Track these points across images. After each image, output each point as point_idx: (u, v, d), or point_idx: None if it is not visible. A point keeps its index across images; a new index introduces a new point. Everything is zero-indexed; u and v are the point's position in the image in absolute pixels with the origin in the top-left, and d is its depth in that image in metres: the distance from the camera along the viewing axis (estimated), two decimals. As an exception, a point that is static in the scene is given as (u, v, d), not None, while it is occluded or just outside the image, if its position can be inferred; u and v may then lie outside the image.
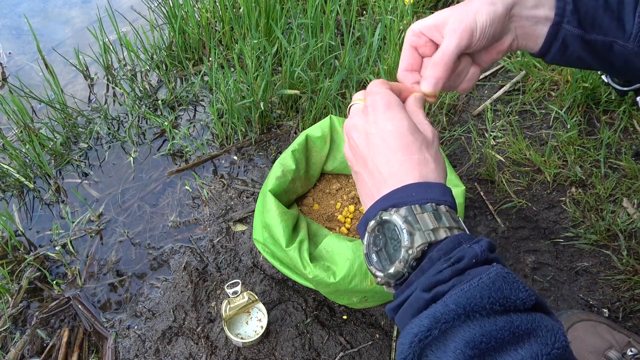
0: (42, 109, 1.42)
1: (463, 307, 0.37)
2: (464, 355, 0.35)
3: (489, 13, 0.55)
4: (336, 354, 0.99)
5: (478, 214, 1.18)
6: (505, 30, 0.59)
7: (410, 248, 0.43)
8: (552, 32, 0.59)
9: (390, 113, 0.51)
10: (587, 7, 0.58)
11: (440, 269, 0.41)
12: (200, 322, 1.03)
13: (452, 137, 1.32)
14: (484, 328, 0.36)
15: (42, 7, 1.73)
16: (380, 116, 0.51)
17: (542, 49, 0.61)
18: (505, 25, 0.58)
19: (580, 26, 0.58)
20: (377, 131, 0.50)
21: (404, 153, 0.48)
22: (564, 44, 0.60)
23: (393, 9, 1.45)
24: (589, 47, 0.60)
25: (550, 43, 0.60)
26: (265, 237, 0.96)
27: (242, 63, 1.48)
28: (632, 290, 1.05)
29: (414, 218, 0.44)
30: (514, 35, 0.61)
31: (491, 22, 0.56)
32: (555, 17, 0.58)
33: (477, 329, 0.36)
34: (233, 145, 1.33)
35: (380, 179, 0.49)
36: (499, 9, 0.56)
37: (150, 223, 1.19)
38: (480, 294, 0.37)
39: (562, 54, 0.61)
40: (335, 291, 0.90)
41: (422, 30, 0.58)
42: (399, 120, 0.50)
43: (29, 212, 1.22)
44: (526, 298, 0.38)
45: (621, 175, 1.20)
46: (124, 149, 1.33)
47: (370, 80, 1.33)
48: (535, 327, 0.36)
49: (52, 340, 1.02)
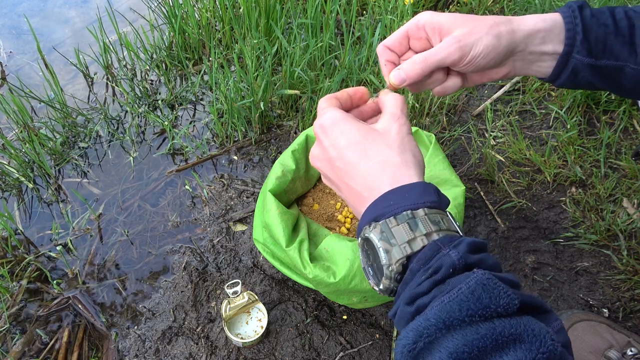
0: (42, 109, 1.42)
1: (443, 321, 0.37)
2: None
3: (487, 45, 0.55)
4: (336, 354, 0.99)
5: (478, 214, 1.18)
6: (502, 63, 0.60)
7: (390, 265, 0.43)
8: (561, 62, 0.59)
9: (338, 128, 0.50)
10: (597, 34, 0.58)
11: (419, 282, 0.41)
12: (200, 322, 1.03)
13: (452, 137, 1.32)
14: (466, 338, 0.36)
15: (42, 7, 1.73)
16: (331, 137, 0.50)
17: (551, 76, 0.61)
18: (503, 59, 0.58)
19: (590, 54, 0.58)
20: (336, 152, 0.50)
21: (365, 162, 0.48)
22: (574, 71, 0.60)
23: (393, 9, 1.45)
24: (599, 73, 0.60)
25: (560, 71, 0.60)
26: (265, 237, 0.96)
27: (242, 63, 1.48)
28: (632, 290, 1.05)
29: (390, 233, 0.44)
30: (511, 68, 0.61)
31: (485, 54, 0.56)
32: (565, 47, 0.58)
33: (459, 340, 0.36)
34: (233, 145, 1.33)
35: (358, 195, 0.49)
36: (501, 46, 0.56)
37: (150, 223, 1.19)
38: (459, 306, 0.37)
39: (572, 80, 0.61)
40: (335, 291, 0.90)
41: (426, 26, 0.58)
42: (348, 131, 0.49)
43: (28, 212, 1.22)
44: (508, 304, 0.37)
45: (621, 175, 1.20)
46: (123, 149, 1.33)
47: (370, 81, 1.34)
48: (519, 332, 0.36)
49: (52, 340, 1.02)
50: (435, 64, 0.56)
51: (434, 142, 1.03)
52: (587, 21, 0.57)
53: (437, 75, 0.60)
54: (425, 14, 0.58)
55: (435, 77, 0.60)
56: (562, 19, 0.58)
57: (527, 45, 0.58)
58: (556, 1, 1.49)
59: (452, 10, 1.60)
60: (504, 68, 0.61)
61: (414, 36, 0.60)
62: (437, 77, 0.60)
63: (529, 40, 0.58)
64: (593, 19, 0.58)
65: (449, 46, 0.55)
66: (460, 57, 0.55)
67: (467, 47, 0.55)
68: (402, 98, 0.55)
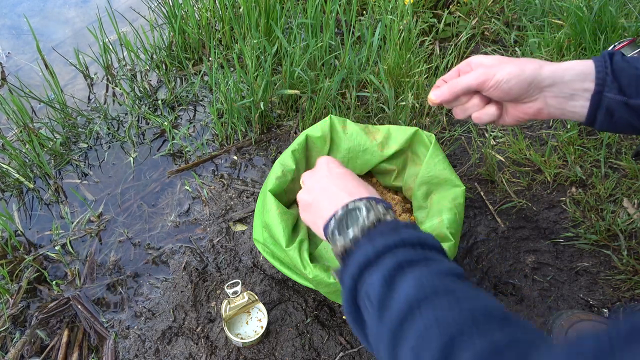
0: (42, 109, 1.42)
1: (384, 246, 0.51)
2: (389, 273, 0.48)
3: (510, 72, 0.62)
4: (336, 354, 0.99)
5: (478, 214, 1.18)
6: (530, 96, 0.64)
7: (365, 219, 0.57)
8: (594, 101, 0.62)
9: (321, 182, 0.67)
10: (629, 75, 0.60)
11: None
12: (200, 322, 1.03)
13: (452, 137, 1.32)
14: (400, 256, 0.49)
15: (41, 7, 1.73)
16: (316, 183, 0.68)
17: (588, 117, 0.63)
18: (528, 91, 0.63)
19: (622, 93, 0.60)
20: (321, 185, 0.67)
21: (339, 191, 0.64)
22: (608, 111, 0.62)
23: (393, 8, 1.45)
24: (635, 113, 0.61)
25: (595, 111, 0.62)
26: (265, 237, 0.96)
27: (242, 63, 1.48)
28: (632, 290, 1.05)
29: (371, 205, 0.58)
30: (544, 104, 0.64)
31: (508, 80, 0.62)
32: (595, 87, 0.61)
33: (399, 257, 0.49)
34: (233, 145, 1.33)
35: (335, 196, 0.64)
36: (524, 74, 0.62)
37: (150, 223, 1.19)
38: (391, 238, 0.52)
39: (609, 121, 0.63)
40: (335, 291, 0.90)
41: (472, 64, 0.67)
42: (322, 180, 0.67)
43: (28, 212, 1.22)
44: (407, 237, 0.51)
45: (621, 175, 1.20)
46: (123, 149, 1.33)
47: (370, 80, 1.34)
48: (428, 257, 0.49)
49: (51, 340, 1.02)
50: (464, 85, 0.65)
51: (434, 142, 1.03)
52: (617, 65, 0.61)
53: (475, 100, 0.67)
54: (475, 56, 0.68)
55: (472, 102, 0.68)
56: (594, 62, 0.62)
57: (555, 81, 0.62)
58: (556, 1, 1.49)
59: (451, 10, 1.60)
60: (537, 103, 0.64)
61: (462, 71, 0.69)
62: (475, 102, 0.67)
63: (556, 76, 0.62)
64: (624, 62, 0.61)
65: (476, 71, 0.64)
66: (485, 80, 0.63)
67: (492, 73, 0.63)
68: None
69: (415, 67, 1.34)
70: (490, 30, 1.57)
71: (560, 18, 1.47)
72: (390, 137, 1.05)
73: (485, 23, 1.57)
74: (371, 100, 1.34)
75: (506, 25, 1.56)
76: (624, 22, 1.36)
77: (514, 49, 1.49)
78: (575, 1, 1.41)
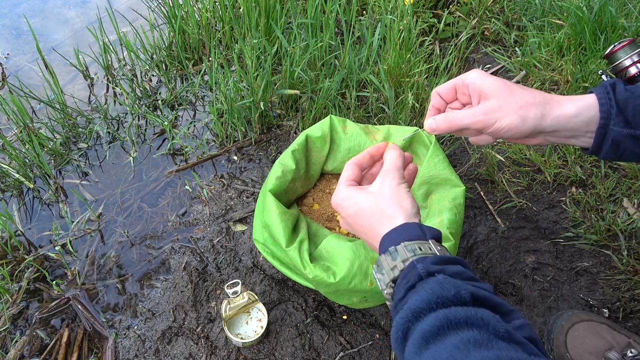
0: (42, 109, 1.42)
1: (412, 312, 0.49)
2: (419, 342, 0.47)
3: (510, 123, 0.60)
4: (336, 354, 0.99)
5: (478, 214, 1.18)
6: (532, 136, 0.63)
7: (384, 289, 0.58)
8: (600, 135, 0.61)
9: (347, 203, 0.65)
10: (634, 106, 0.59)
11: (400, 291, 0.55)
12: (200, 322, 1.03)
13: (452, 137, 1.32)
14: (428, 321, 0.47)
15: (41, 7, 1.73)
16: (344, 210, 0.66)
17: (593, 148, 0.63)
18: (529, 135, 0.62)
19: (627, 125, 0.60)
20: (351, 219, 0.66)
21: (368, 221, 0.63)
22: (614, 143, 0.61)
23: (393, 8, 1.45)
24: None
25: (601, 144, 0.62)
26: (265, 237, 0.96)
27: (242, 63, 1.48)
28: (632, 290, 1.05)
29: (381, 265, 0.58)
30: (545, 141, 0.64)
31: (508, 130, 0.61)
32: (600, 120, 0.60)
33: (424, 323, 0.47)
34: (233, 145, 1.33)
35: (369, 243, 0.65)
36: (525, 125, 0.60)
37: (150, 223, 1.19)
38: (421, 299, 0.49)
39: (614, 152, 0.62)
40: (335, 291, 0.90)
41: (469, 86, 0.65)
42: (353, 203, 0.64)
43: (28, 212, 1.22)
44: (457, 293, 0.49)
45: (621, 175, 1.20)
46: (123, 149, 1.33)
47: (370, 80, 1.34)
48: (469, 316, 0.46)
49: (52, 340, 1.02)
50: (462, 127, 0.63)
51: (434, 142, 1.03)
52: (620, 96, 0.60)
53: (470, 131, 0.66)
54: (472, 74, 0.64)
55: (468, 132, 0.66)
56: (596, 96, 0.61)
57: (558, 128, 0.61)
58: (556, 1, 1.49)
59: (451, 10, 1.60)
60: (537, 139, 0.64)
61: (460, 90, 0.67)
62: (471, 132, 0.66)
63: (559, 124, 0.61)
64: (627, 92, 0.60)
65: (475, 115, 0.62)
66: (484, 127, 0.62)
67: (492, 121, 0.61)
68: (398, 154, 0.66)
69: (415, 67, 1.34)
70: (490, 30, 1.57)
71: (560, 18, 1.47)
72: (390, 137, 1.05)
73: (485, 23, 1.57)
74: (371, 100, 1.34)
75: (506, 25, 1.56)
76: (624, 22, 1.35)
77: (514, 49, 1.49)
78: (575, 1, 1.41)
